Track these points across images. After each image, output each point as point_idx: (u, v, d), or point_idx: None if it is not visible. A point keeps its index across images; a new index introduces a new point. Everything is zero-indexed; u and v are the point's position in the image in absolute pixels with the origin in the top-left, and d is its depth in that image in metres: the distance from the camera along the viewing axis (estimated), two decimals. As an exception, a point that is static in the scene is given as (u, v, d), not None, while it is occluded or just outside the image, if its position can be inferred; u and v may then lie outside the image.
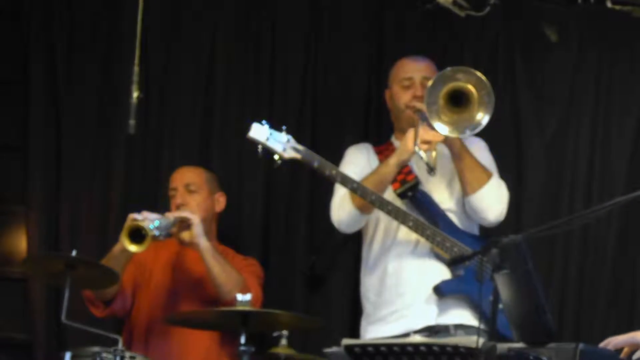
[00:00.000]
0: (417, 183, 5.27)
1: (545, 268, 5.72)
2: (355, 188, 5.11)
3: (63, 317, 4.85)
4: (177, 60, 6.03)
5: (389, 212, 5.13)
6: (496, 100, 5.55)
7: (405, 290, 5.24)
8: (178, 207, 5.48)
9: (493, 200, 5.25)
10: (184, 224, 5.34)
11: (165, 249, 5.52)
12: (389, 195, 5.26)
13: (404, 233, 5.24)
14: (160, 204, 5.73)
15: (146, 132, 5.93)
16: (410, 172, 5.31)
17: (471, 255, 4.71)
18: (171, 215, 5.33)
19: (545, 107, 5.97)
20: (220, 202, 5.64)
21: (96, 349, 4.79)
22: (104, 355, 4.76)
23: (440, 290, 5.18)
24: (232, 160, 5.98)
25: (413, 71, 5.38)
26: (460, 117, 5.12)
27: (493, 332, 3.68)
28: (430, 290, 5.19)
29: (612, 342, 3.98)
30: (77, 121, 6.00)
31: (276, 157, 5.12)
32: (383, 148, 5.47)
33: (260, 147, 5.13)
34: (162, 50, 5.99)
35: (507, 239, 3.77)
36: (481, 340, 3.66)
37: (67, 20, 6.01)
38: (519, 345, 3.84)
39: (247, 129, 5.85)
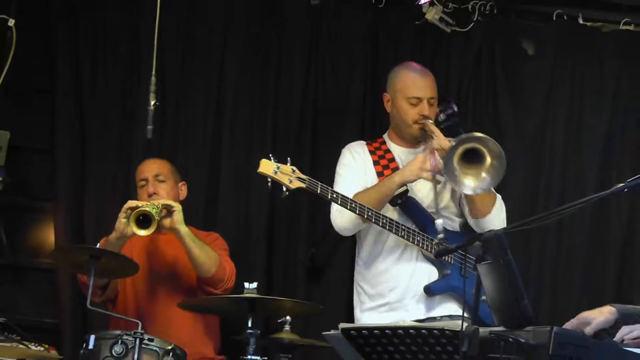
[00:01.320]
0: (406, 191, 5.23)
1: (523, 261, 5.74)
2: (354, 207, 5.08)
3: (88, 304, 4.85)
4: (190, 71, 6.04)
5: (383, 225, 5.11)
6: (479, 108, 5.58)
7: (396, 286, 5.24)
8: (150, 196, 5.46)
9: (498, 221, 5.24)
10: (167, 211, 5.32)
11: (138, 236, 5.37)
12: None
13: (395, 237, 5.22)
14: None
15: (162, 136, 5.96)
16: None
17: (456, 248, 4.73)
18: (158, 202, 5.31)
19: (523, 113, 5.98)
20: (183, 190, 5.64)
21: (118, 332, 4.78)
22: (125, 337, 4.73)
23: (430, 290, 5.18)
24: (241, 162, 5.98)
25: (421, 91, 5.27)
26: (472, 172, 5.07)
27: (476, 317, 3.70)
28: (419, 289, 5.21)
29: (567, 326, 3.99)
30: (100, 126, 6.02)
31: (284, 188, 5.09)
32: (376, 146, 5.44)
33: (269, 180, 5.09)
34: (177, 62, 6.00)
35: (488, 232, 3.79)
36: (465, 324, 3.67)
37: (91, 34, 6.02)
38: (500, 328, 3.84)
39: (255, 134, 5.93)
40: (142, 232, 5.14)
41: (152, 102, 5.25)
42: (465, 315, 3.98)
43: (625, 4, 5.66)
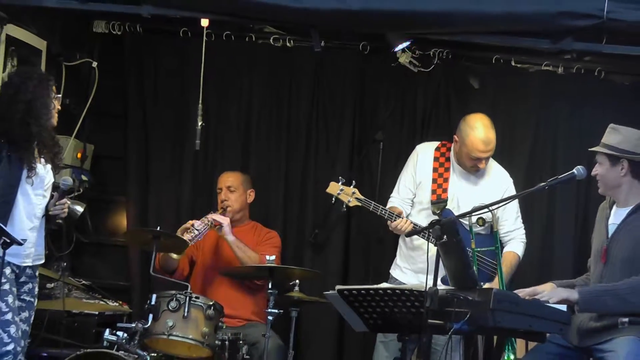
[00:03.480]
0: (445, 204, 5.10)
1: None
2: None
3: (151, 271, 4.86)
4: (227, 100, 6.02)
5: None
6: (439, 128, 5.53)
7: (419, 262, 5.10)
8: (222, 202, 5.48)
9: None
10: (217, 224, 5.32)
11: (211, 235, 5.42)
12: (427, 202, 5.16)
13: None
14: (214, 198, 5.76)
15: (206, 149, 5.94)
16: (446, 190, 5.15)
17: (422, 230, 4.72)
18: (210, 218, 5.29)
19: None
20: (251, 196, 5.61)
21: (173, 292, 4.78)
22: (178, 296, 4.75)
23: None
24: (263, 167, 5.98)
25: (482, 154, 5.06)
26: None
27: (435, 280, 3.71)
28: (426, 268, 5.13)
29: (521, 293, 4.00)
30: (160, 141, 6.02)
31: (344, 205, 5.12)
32: (443, 151, 5.23)
33: (334, 198, 5.09)
34: (217, 93, 5.97)
35: (445, 219, 3.83)
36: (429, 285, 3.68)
37: (152, 73, 6.01)
38: (454, 289, 3.87)
39: (272, 145, 5.89)
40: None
41: (200, 123, 5.28)
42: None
43: (546, 51, 5.67)
